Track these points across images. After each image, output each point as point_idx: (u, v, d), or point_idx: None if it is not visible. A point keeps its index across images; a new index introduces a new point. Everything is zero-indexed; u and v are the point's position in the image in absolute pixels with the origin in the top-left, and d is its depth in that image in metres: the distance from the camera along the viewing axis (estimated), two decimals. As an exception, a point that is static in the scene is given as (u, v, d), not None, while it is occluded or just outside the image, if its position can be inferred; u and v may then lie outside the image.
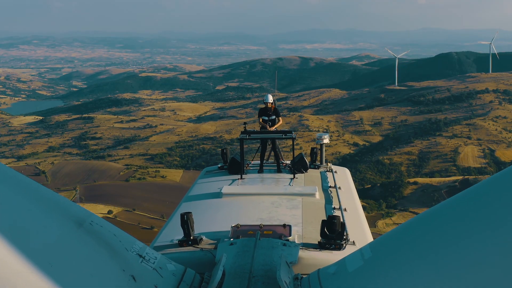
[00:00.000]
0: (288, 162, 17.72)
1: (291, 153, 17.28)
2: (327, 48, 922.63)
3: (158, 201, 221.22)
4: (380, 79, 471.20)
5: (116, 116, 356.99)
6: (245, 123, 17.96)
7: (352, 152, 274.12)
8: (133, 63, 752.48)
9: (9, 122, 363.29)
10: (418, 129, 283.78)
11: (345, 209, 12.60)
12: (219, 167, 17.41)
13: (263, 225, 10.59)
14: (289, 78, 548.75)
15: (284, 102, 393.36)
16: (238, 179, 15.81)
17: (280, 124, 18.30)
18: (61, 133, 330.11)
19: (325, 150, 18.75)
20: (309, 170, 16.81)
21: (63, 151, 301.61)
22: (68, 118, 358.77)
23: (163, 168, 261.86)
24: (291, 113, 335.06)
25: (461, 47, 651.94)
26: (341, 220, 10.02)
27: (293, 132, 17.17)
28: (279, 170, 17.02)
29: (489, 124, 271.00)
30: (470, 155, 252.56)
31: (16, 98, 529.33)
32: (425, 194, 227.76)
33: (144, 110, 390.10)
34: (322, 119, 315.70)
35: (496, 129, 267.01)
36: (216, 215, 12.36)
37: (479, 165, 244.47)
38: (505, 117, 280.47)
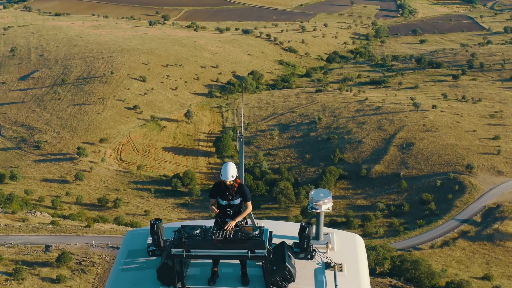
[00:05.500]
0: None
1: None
2: None
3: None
4: None
5: None
6: (181, 229, 10.69)
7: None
8: None
9: None
10: None
11: None
12: (148, 249, 11.47)
13: None
14: None
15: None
16: None
17: (248, 213, 11.36)
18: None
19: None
20: (300, 262, 10.95)
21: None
22: None
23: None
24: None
25: None
26: None
27: (266, 245, 10.37)
28: (245, 282, 10.82)
29: None
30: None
31: None
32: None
33: None
34: None
35: None
36: None
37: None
38: None
